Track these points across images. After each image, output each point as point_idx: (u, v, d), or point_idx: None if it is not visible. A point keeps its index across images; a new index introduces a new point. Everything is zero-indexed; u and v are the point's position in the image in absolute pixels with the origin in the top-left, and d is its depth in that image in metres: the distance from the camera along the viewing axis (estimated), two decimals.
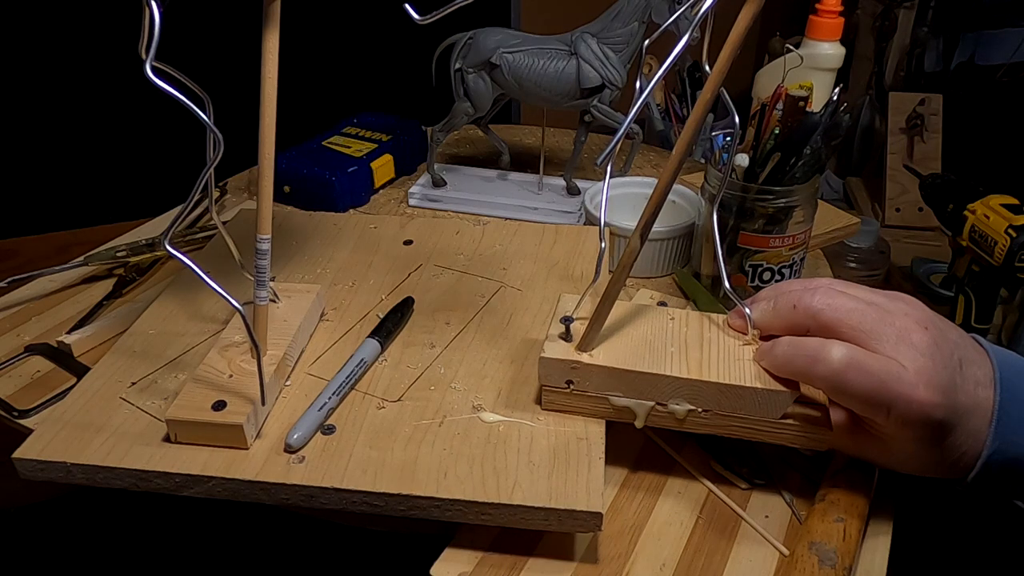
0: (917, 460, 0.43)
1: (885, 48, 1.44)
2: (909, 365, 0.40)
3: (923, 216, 1.30)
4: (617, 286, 0.46)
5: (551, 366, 0.47)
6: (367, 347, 0.53)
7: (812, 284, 0.45)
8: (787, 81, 0.59)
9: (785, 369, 0.44)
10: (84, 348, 0.60)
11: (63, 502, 1.02)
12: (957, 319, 0.80)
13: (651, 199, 0.43)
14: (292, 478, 0.44)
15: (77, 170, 1.16)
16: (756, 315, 0.47)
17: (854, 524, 0.44)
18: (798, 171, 0.59)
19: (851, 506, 0.45)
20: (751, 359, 0.46)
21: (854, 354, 0.41)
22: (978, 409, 0.42)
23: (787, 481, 0.49)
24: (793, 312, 0.45)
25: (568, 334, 0.48)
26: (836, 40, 0.77)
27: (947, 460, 0.43)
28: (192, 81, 0.43)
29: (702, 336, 0.49)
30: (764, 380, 0.45)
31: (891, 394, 0.40)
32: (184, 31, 0.60)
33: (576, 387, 0.48)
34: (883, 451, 0.44)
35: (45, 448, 0.46)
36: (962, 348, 0.43)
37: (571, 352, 0.47)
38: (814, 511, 0.45)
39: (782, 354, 0.44)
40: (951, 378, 0.41)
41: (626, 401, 0.47)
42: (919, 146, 1.36)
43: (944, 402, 0.40)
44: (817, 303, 0.44)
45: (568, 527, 0.43)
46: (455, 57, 0.77)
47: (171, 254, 0.40)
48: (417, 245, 0.69)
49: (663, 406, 0.47)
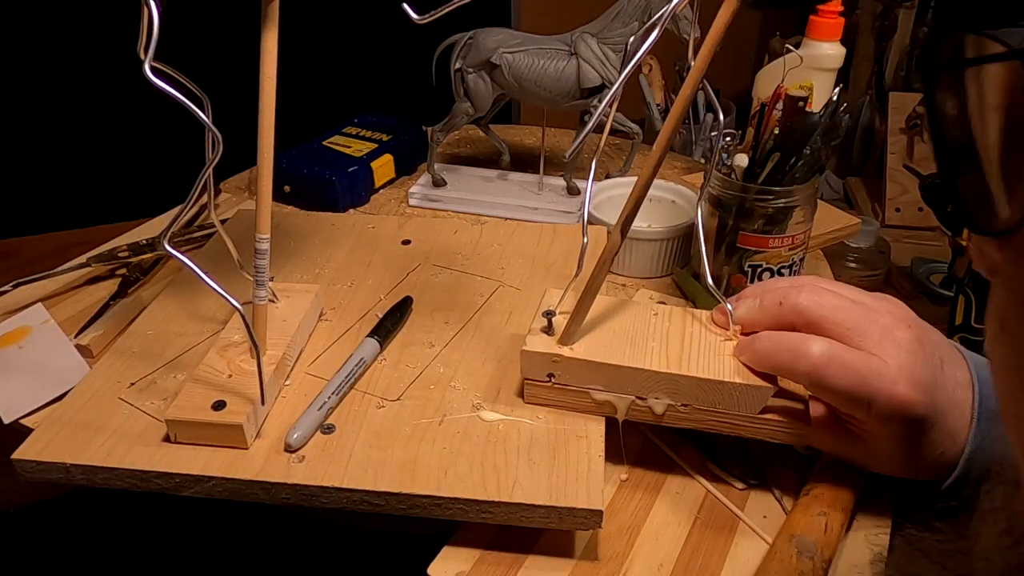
0: (896, 459, 0.44)
1: (885, 48, 1.43)
2: (891, 361, 0.40)
3: (923, 216, 1.30)
4: (598, 280, 0.46)
5: (533, 359, 0.47)
6: (366, 346, 0.53)
7: (798, 282, 0.46)
8: (787, 81, 0.59)
9: (766, 363, 0.44)
10: (100, 347, 0.59)
11: (63, 502, 1.02)
12: (957, 319, 0.80)
13: (632, 194, 0.44)
14: (292, 478, 0.44)
15: (77, 170, 1.16)
16: (742, 312, 0.47)
17: (836, 518, 0.44)
18: (798, 171, 0.59)
19: (835, 501, 0.45)
20: (731, 354, 0.47)
21: (835, 349, 0.41)
22: (957, 409, 0.42)
23: (782, 481, 0.49)
24: (779, 309, 0.45)
25: (550, 328, 0.48)
26: (836, 40, 0.77)
27: (925, 459, 0.43)
28: (191, 81, 0.43)
29: (684, 331, 0.49)
30: (744, 375, 0.45)
31: (871, 389, 0.40)
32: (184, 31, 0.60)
33: (557, 380, 0.48)
34: (862, 449, 0.44)
35: (44, 449, 0.46)
36: (943, 349, 0.43)
37: (552, 345, 0.47)
38: (798, 505, 0.45)
39: (763, 348, 0.44)
40: (932, 376, 0.41)
41: (606, 395, 0.47)
42: (919, 146, 1.36)
43: (924, 399, 0.40)
44: (804, 300, 0.44)
45: (568, 525, 0.43)
46: (455, 57, 0.78)
47: (170, 253, 0.40)
48: (415, 245, 0.69)
49: (643, 400, 0.47)
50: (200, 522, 0.91)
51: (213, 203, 0.53)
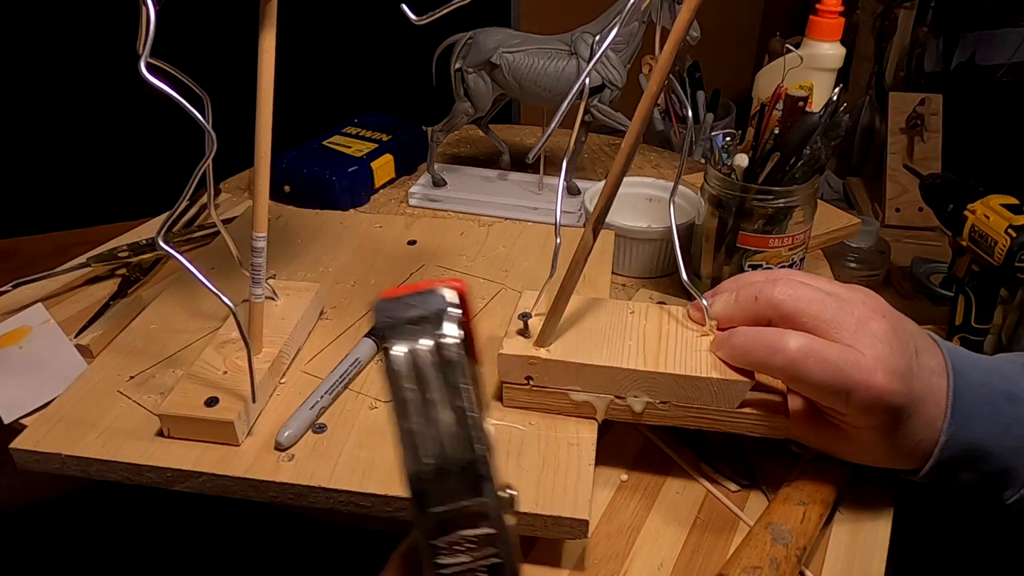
0: (874, 449, 0.44)
1: (885, 48, 1.43)
2: (867, 352, 0.41)
3: (923, 216, 1.30)
4: (572, 281, 0.46)
5: (509, 362, 0.47)
6: (363, 347, 0.53)
7: (773, 275, 0.46)
8: (787, 81, 0.59)
9: (743, 359, 0.45)
10: (100, 347, 0.59)
11: (63, 502, 1.02)
12: (957, 319, 0.80)
13: (603, 191, 0.44)
14: (281, 476, 0.44)
15: (77, 170, 1.16)
16: (718, 307, 0.47)
17: (815, 509, 0.44)
18: (798, 171, 0.59)
19: (815, 492, 0.45)
20: (708, 350, 0.47)
21: (812, 343, 0.41)
22: (933, 396, 0.42)
23: (773, 479, 0.49)
24: (755, 304, 0.45)
25: (526, 330, 0.48)
26: (836, 40, 0.77)
27: (904, 449, 0.43)
28: (191, 80, 0.43)
29: (660, 329, 0.49)
30: (721, 370, 0.45)
31: (849, 381, 0.40)
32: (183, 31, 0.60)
33: (535, 383, 0.48)
34: (841, 440, 0.45)
35: (41, 440, 0.46)
36: (917, 338, 0.44)
37: (529, 348, 0.47)
38: (779, 495, 0.46)
39: (740, 344, 0.44)
40: (908, 365, 0.41)
41: (585, 396, 0.47)
42: (919, 146, 1.35)
43: (901, 388, 0.41)
44: (779, 294, 0.44)
45: (554, 533, 0.43)
46: (455, 57, 0.78)
47: (166, 252, 0.40)
48: (421, 245, 0.69)
49: (621, 399, 0.47)
50: (200, 522, 0.91)
51: (213, 202, 0.53)
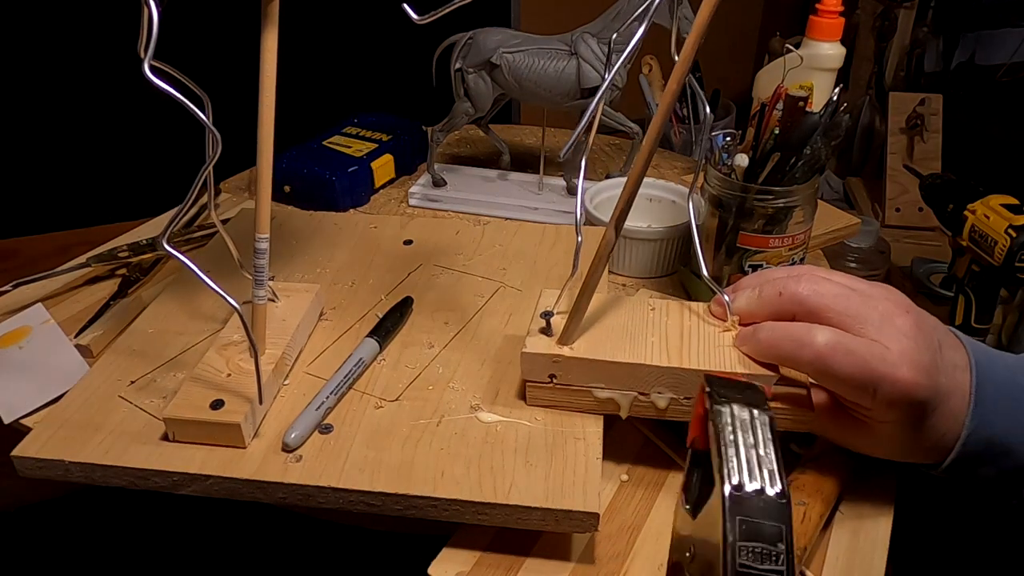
0: (898, 443, 0.44)
1: (885, 48, 1.43)
2: (893, 346, 0.41)
3: (923, 216, 1.30)
4: (594, 278, 0.46)
5: (533, 361, 0.47)
6: (365, 346, 0.53)
7: (796, 271, 0.46)
8: (787, 81, 0.59)
9: (770, 354, 0.45)
10: (100, 347, 0.59)
11: (63, 502, 1.02)
12: (957, 319, 0.80)
13: (624, 190, 0.44)
14: (289, 477, 0.44)
15: (77, 170, 1.16)
16: (741, 303, 0.47)
17: (816, 508, 0.44)
18: (798, 171, 0.59)
19: (816, 491, 0.45)
20: (731, 345, 0.47)
21: (839, 337, 0.42)
22: (957, 391, 0.43)
23: None
24: (779, 299, 0.45)
25: (549, 328, 0.48)
26: (836, 40, 0.77)
27: (927, 443, 0.43)
28: (192, 81, 0.43)
29: (682, 325, 0.49)
30: (746, 365, 0.45)
31: (876, 375, 0.41)
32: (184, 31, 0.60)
33: (559, 381, 0.48)
34: (865, 434, 0.45)
35: (43, 446, 0.46)
36: (940, 333, 0.44)
37: (552, 346, 0.47)
38: None
39: (766, 339, 0.44)
40: (932, 359, 0.42)
41: (609, 393, 0.47)
42: (919, 146, 1.35)
43: (927, 382, 0.41)
44: (803, 290, 0.44)
45: (565, 527, 0.43)
46: (455, 57, 0.78)
47: (169, 253, 0.40)
48: (417, 245, 0.69)
49: (645, 396, 0.47)
50: (200, 522, 0.91)
51: (213, 203, 0.53)
